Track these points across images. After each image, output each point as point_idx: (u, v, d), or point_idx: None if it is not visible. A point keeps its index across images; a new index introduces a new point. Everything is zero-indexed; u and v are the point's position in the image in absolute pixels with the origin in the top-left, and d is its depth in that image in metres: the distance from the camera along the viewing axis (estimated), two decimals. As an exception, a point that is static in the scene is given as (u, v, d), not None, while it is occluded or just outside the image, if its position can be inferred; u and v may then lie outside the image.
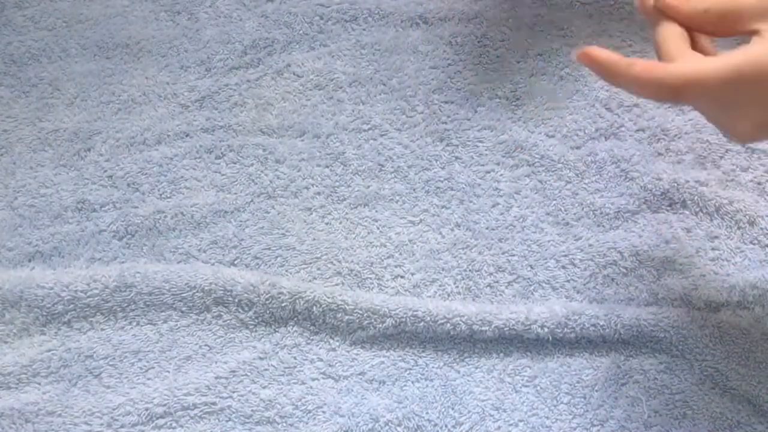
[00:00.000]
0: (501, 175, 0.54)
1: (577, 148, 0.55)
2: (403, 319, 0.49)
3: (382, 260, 0.51)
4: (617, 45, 0.59)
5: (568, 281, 0.51)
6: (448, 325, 0.48)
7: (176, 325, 0.49)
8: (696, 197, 0.52)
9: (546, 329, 0.48)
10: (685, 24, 0.39)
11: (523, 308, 0.49)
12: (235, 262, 0.51)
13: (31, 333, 0.49)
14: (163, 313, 0.50)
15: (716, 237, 0.51)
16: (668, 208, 0.52)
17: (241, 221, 0.53)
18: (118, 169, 0.54)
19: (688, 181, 0.53)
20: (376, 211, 0.53)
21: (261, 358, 0.49)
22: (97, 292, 0.49)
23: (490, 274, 0.51)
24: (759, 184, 0.53)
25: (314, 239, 0.52)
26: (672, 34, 0.39)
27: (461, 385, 0.48)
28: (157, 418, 0.47)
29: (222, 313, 0.50)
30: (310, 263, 0.51)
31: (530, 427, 0.47)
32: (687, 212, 0.52)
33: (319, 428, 0.47)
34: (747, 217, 0.52)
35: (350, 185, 0.54)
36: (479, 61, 0.59)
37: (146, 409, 0.47)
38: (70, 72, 0.58)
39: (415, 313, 0.49)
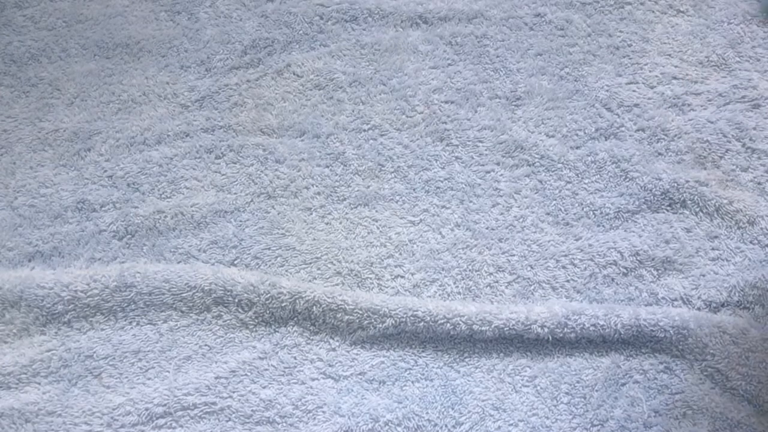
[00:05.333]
0: (501, 175, 0.54)
1: (577, 148, 0.55)
2: (403, 319, 0.48)
3: (382, 260, 0.51)
4: (617, 45, 0.59)
5: (568, 281, 0.51)
6: (448, 325, 0.48)
7: (176, 325, 0.49)
8: (696, 197, 0.52)
9: (546, 329, 0.48)
10: None
11: (523, 308, 0.49)
12: (235, 262, 0.51)
13: (31, 333, 0.49)
14: (163, 313, 0.50)
15: (716, 237, 0.51)
16: (668, 208, 0.52)
17: (241, 221, 0.53)
18: (118, 169, 0.54)
19: (688, 181, 0.53)
20: (376, 211, 0.53)
21: (261, 358, 0.49)
22: (97, 292, 0.49)
23: (490, 274, 0.51)
24: (759, 184, 0.53)
25: (314, 239, 0.52)
26: None
27: (461, 385, 0.48)
28: (157, 418, 0.47)
29: (222, 313, 0.50)
30: (310, 263, 0.51)
31: (530, 427, 0.47)
32: (687, 212, 0.52)
33: (319, 428, 0.47)
34: (747, 217, 0.52)
35: (350, 185, 0.54)
36: (479, 61, 0.59)
37: (146, 409, 0.47)
38: (70, 72, 0.58)
39: (415, 313, 0.49)
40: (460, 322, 0.48)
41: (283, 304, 0.49)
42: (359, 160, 0.55)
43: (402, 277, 0.51)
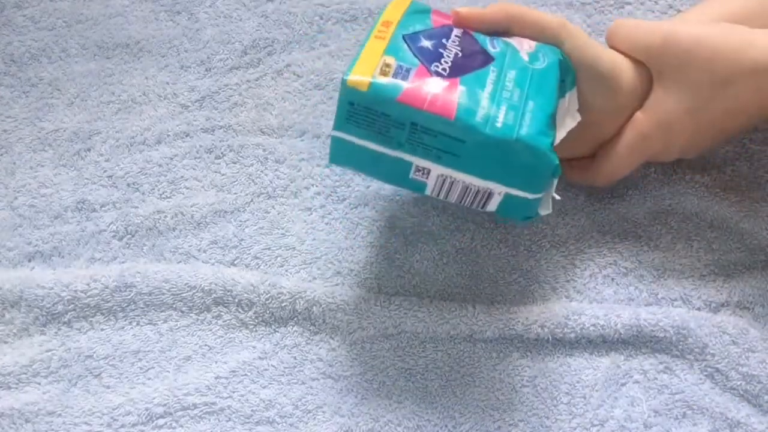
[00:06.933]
0: (501, 175, 0.54)
1: (577, 148, 0.55)
2: (403, 319, 0.49)
3: (382, 260, 0.51)
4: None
5: (568, 281, 0.51)
6: (448, 325, 0.48)
7: (176, 325, 0.49)
8: (696, 197, 0.52)
9: (546, 329, 0.48)
10: None
11: (523, 308, 0.49)
12: (235, 262, 0.51)
13: (31, 333, 0.49)
14: (163, 313, 0.50)
15: (716, 236, 0.52)
16: (668, 207, 0.52)
17: (241, 221, 0.53)
18: (118, 169, 0.54)
19: (688, 182, 0.53)
20: (376, 211, 0.53)
21: (261, 358, 0.49)
22: (97, 292, 0.49)
23: (490, 274, 0.51)
24: (759, 184, 0.53)
25: (314, 239, 0.52)
26: None
27: (461, 385, 0.48)
28: (157, 418, 0.47)
29: (222, 313, 0.50)
30: (310, 263, 0.51)
31: (530, 427, 0.47)
32: (687, 212, 0.52)
33: (319, 428, 0.47)
34: (746, 217, 0.52)
35: (350, 185, 0.54)
36: (479, 61, 0.59)
37: (146, 409, 0.47)
38: (70, 72, 0.58)
39: (415, 313, 0.49)
40: (460, 323, 0.48)
41: (283, 304, 0.49)
42: (359, 160, 0.55)
43: (402, 277, 0.51)
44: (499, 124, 0.40)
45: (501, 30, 0.46)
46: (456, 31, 0.44)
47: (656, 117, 0.45)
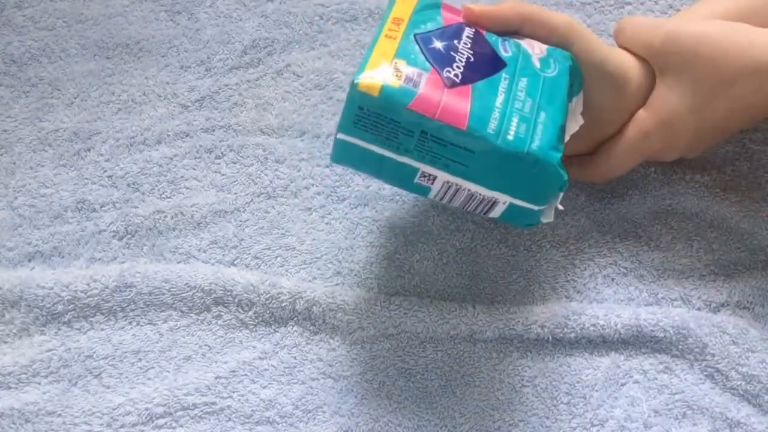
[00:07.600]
0: (501, 175, 0.54)
1: (577, 148, 0.55)
2: (403, 319, 0.49)
3: (382, 260, 0.51)
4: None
5: (568, 281, 0.51)
6: (448, 325, 0.48)
7: (176, 325, 0.49)
8: (696, 197, 0.52)
9: (546, 329, 0.48)
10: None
11: (523, 308, 0.49)
12: (235, 262, 0.51)
13: (31, 333, 0.49)
14: (163, 313, 0.50)
15: (716, 236, 0.52)
16: (668, 207, 0.52)
17: (241, 221, 0.53)
18: (118, 169, 0.54)
19: (688, 182, 0.53)
20: (376, 211, 0.53)
21: (261, 358, 0.49)
22: (97, 292, 0.49)
23: (490, 274, 0.51)
24: (759, 184, 0.53)
25: (314, 239, 0.52)
26: None
27: (461, 385, 0.48)
28: (157, 418, 0.47)
29: (222, 313, 0.50)
30: (310, 263, 0.51)
31: (530, 427, 0.47)
32: (687, 212, 0.52)
33: (319, 428, 0.47)
34: (746, 217, 0.52)
35: (350, 185, 0.54)
36: (479, 61, 0.59)
37: (146, 409, 0.47)
38: (70, 72, 0.58)
39: (415, 313, 0.49)
40: (460, 323, 0.48)
41: (283, 304, 0.49)
42: (359, 160, 0.55)
43: (402, 277, 0.51)
44: (510, 137, 0.40)
45: (512, 29, 0.45)
46: (467, 31, 0.44)
47: (658, 115, 0.45)
